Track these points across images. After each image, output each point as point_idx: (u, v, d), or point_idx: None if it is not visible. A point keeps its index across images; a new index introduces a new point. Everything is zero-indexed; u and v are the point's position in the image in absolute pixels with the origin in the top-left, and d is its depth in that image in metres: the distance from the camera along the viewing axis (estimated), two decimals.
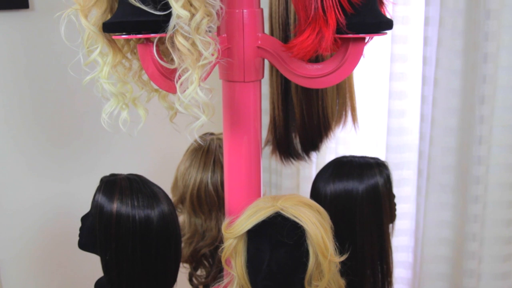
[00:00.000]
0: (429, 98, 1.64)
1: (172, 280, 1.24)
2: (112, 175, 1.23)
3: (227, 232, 1.08)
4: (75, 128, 1.79)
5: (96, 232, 1.18)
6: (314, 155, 1.56)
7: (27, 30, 1.65)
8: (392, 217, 1.36)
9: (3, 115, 1.67)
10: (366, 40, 1.03)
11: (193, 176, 1.45)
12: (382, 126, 1.79)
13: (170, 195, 1.40)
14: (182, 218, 1.48)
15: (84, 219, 1.24)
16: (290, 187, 1.88)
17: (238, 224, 1.06)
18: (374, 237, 1.32)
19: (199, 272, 1.55)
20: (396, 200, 1.39)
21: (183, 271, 1.46)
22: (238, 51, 1.09)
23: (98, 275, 1.26)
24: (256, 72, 1.12)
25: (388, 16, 1.03)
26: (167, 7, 0.92)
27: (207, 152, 1.46)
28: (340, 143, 1.81)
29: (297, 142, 1.47)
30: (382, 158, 1.71)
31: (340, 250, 1.09)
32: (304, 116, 1.40)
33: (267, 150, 1.51)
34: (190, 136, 1.01)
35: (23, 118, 1.70)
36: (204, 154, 1.46)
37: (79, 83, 1.12)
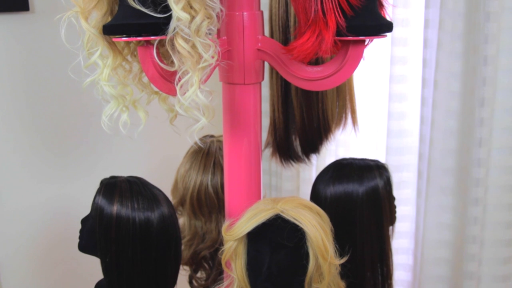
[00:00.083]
0: (429, 100, 1.64)
1: (172, 282, 1.24)
2: (112, 177, 1.23)
3: (227, 235, 1.08)
4: (76, 130, 1.79)
5: (96, 234, 1.18)
6: (314, 157, 1.56)
7: (27, 32, 1.65)
8: (392, 219, 1.36)
9: (2, 117, 1.67)
10: (366, 43, 1.03)
11: (193, 179, 1.45)
12: (382, 128, 1.79)
13: (170, 198, 1.40)
14: (182, 221, 1.48)
15: (84, 221, 1.24)
16: (290, 189, 1.88)
17: (238, 226, 1.06)
18: (374, 239, 1.31)
19: (199, 274, 1.55)
20: (396, 202, 1.39)
21: (183, 273, 1.46)
22: (238, 53, 1.09)
23: (98, 278, 1.26)
24: (256, 75, 1.12)
25: (388, 18, 1.03)
26: (167, 9, 0.92)
27: (207, 155, 1.46)
28: (340, 145, 1.81)
29: (297, 144, 1.47)
30: (382, 160, 1.71)
31: (340, 252, 1.09)
32: (304, 118, 1.40)
33: (267, 152, 1.51)
34: (190, 139, 1.01)
35: (24, 120, 1.70)
36: (204, 156, 1.46)
37: (79, 85, 1.12)
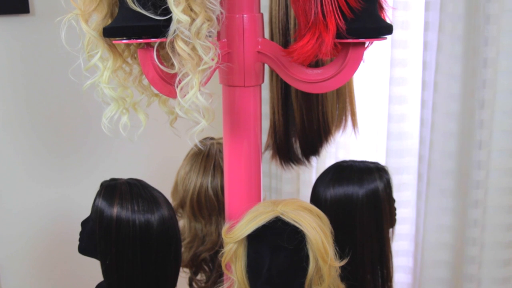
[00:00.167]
0: (429, 102, 1.64)
1: (172, 284, 1.24)
2: (112, 180, 1.23)
3: (227, 237, 1.08)
4: (76, 133, 1.79)
5: (96, 236, 1.18)
6: (314, 159, 1.56)
7: (28, 35, 1.65)
8: (392, 221, 1.36)
9: (3, 119, 1.67)
10: (366, 45, 1.03)
11: (193, 181, 1.45)
12: (382, 131, 1.79)
13: (170, 200, 1.40)
14: (182, 223, 1.48)
15: (84, 223, 1.24)
16: (290, 191, 1.88)
17: (238, 228, 1.06)
18: (374, 241, 1.31)
19: (199, 276, 1.55)
20: (396, 204, 1.39)
21: (183, 275, 1.46)
22: (238, 56, 1.09)
23: (98, 280, 1.26)
24: (256, 77, 1.12)
25: (388, 21, 1.03)
26: (167, 12, 0.92)
27: (207, 157, 1.46)
28: (340, 148, 1.81)
29: (297, 146, 1.47)
30: (382, 162, 1.70)
31: (340, 254, 1.09)
32: (304, 120, 1.40)
33: (267, 154, 1.51)
34: (190, 141, 1.01)
35: (24, 122, 1.70)
36: (204, 158, 1.46)
37: (79, 87, 1.12)
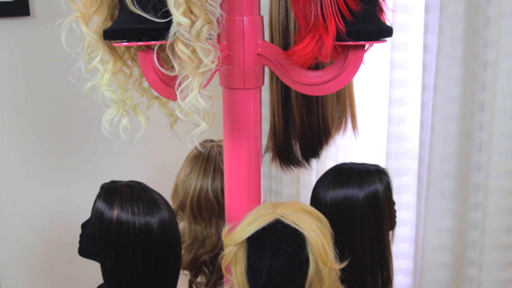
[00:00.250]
0: (429, 105, 1.64)
1: (172, 287, 1.24)
2: (113, 182, 1.23)
3: (227, 239, 1.08)
4: (76, 135, 1.79)
5: (96, 239, 1.18)
6: (314, 162, 1.56)
7: (28, 37, 1.66)
8: (392, 224, 1.36)
9: (3, 121, 1.67)
10: (366, 48, 1.03)
11: (193, 183, 1.45)
12: (382, 133, 1.79)
13: (170, 202, 1.40)
14: (182, 225, 1.48)
15: (84, 226, 1.24)
16: (290, 194, 1.88)
17: (238, 231, 1.06)
18: (374, 244, 1.31)
19: (199, 279, 1.55)
20: (396, 207, 1.39)
21: (183, 278, 1.46)
22: (238, 58, 1.10)
23: (98, 282, 1.26)
24: (256, 79, 1.12)
25: (388, 23, 1.03)
26: (167, 14, 0.92)
27: (207, 159, 1.46)
28: (340, 150, 1.81)
29: (297, 149, 1.47)
30: (382, 165, 1.70)
31: (340, 257, 1.09)
32: (304, 123, 1.40)
33: (267, 157, 1.51)
34: (191, 143, 1.01)
35: (24, 124, 1.71)
36: (204, 161, 1.46)
37: (79, 90, 1.12)
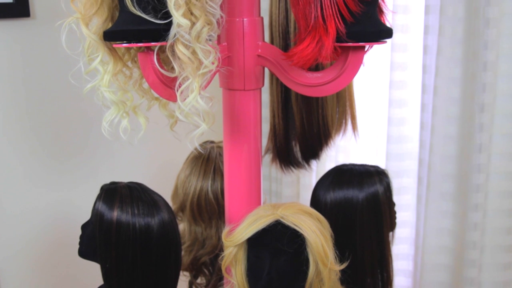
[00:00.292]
0: (429, 106, 1.64)
1: None
2: (113, 183, 1.23)
3: (227, 240, 1.08)
4: (76, 136, 1.79)
5: (96, 240, 1.18)
6: (314, 163, 1.56)
7: (28, 38, 1.66)
8: (392, 225, 1.36)
9: (3, 122, 1.67)
10: (366, 49, 1.03)
11: (193, 184, 1.45)
12: (382, 134, 1.79)
13: (170, 203, 1.40)
14: (182, 226, 1.48)
15: (84, 227, 1.24)
16: (290, 195, 1.88)
17: (238, 232, 1.06)
18: (374, 245, 1.31)
19: (199, 280, 1.55)
20: (396, 208, 1.39)
21: (183, 279, 1.46)
22: (239, 59, 1.10)
23: (98, 283, 1.26)
24: (256, 81, 1.13)
25: (388, 24, 1.03)
26: (167, 15, 0.92)
27: (207, 160, 1.46)
28: (340, 151, 1.81)
29: (297, 150, 1.47)
30: (382, 166, 1.71)
31: (340, 258, 1.09)
32: (304, 124, 1.40)
33: (267, 158, 1.51)
34: (191, 144, 1.01)
35: (24, 126, 1.71)
36: (204, 162, 1.46)
37: (80, 91, 1.12)
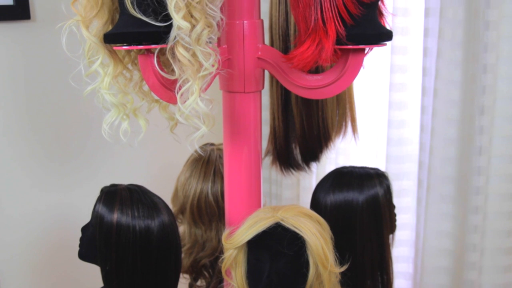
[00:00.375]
0: (429, 108, 1.64)
1: None
2: (113, 186, 1.23)
3: (227, 243, 1.08)
4: (76, 138, 1.79)
5: (96, 242, 1.18)
6: (314, 165, 1.56)
7: (29, 41, 1.66)
8: (392, 227, 1.36)
9: (3, 124, 1.67)
10: (366, 51, 1.04)
11: (193, 187, 1.45)
12: (382, 137, 1.79)
13: (171, 206, 1.40)
14: (182, 229, 1.48)
15: (84, 229, 1.24)
16: (290, 197, 1.88)
17: (238, 234, 1.06)
18: (374, 247, 1.31)
19: (199, 282, 1.55)
20: (396, 210, 1.39)
21: (183, 281, 1.46)
22: (239, 62, 1.10)
23: (98, 285, 1.26)
24: (256, 83, 1.13)
25: (388, 27, 1.03)
26: (168, 18, 0.93)
27: (207, 163, 1.46)
28: (340, 154, 1.81)
29: (297, 152, 1.47)
30: (382, 168, 1.71)
31: (340, 260, 1.09)
32: (304, 126, 1.40)
33: (267, 160, 1.51)
34: (191, 147, 1.01)
35: (24, 128, 1.71)
36: (204, 164, 1.46)
37: (80, 93, 1.12)
